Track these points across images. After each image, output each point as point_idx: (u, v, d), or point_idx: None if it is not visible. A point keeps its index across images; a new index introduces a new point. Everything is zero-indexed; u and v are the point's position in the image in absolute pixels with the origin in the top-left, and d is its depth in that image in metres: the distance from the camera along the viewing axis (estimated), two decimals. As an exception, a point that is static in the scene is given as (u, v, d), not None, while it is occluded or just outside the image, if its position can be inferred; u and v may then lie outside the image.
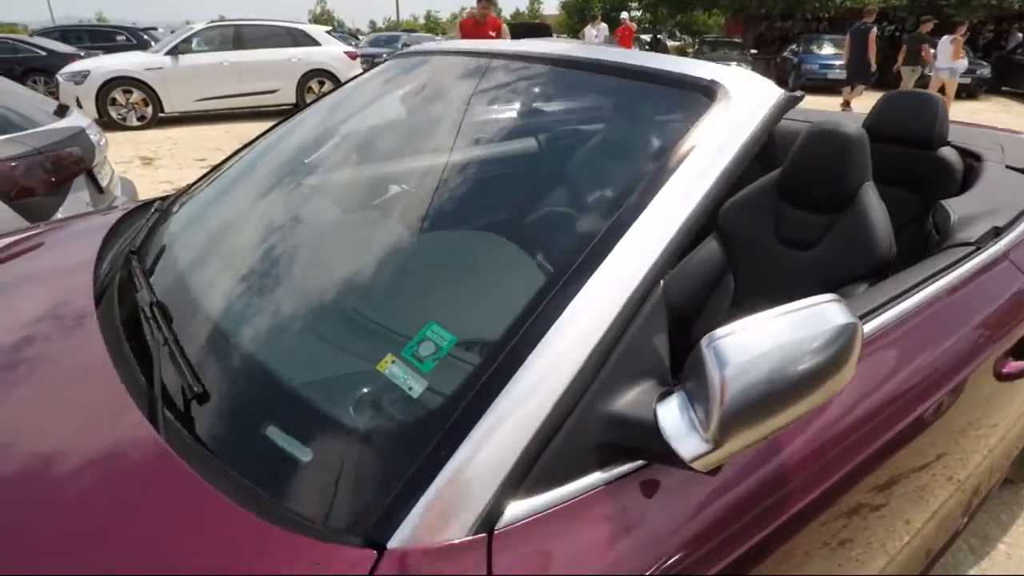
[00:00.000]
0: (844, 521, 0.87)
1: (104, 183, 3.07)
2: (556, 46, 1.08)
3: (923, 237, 1.63)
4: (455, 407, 0.62)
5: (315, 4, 43.65)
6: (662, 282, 0.70)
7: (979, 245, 1.22)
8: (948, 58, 9.19)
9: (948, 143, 1.78)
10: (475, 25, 6.94)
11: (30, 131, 2.67)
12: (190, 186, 1.45)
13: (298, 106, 10.13)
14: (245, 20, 9.87)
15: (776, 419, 0.60)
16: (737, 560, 0.69)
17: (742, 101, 0.83)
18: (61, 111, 3.06)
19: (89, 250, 1.23)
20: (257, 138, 1.46)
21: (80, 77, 8.37)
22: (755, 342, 0.59)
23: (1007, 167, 1.67)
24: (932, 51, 9.43)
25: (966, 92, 11.39)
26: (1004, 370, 1.13)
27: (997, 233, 1.26)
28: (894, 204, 1.50)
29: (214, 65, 9.14)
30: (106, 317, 0.94)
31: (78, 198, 2.80)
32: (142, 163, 6.62)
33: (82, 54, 11.36)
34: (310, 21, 10.97)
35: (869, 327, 0.95)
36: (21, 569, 0.55)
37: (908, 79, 9.77)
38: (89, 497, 0.63)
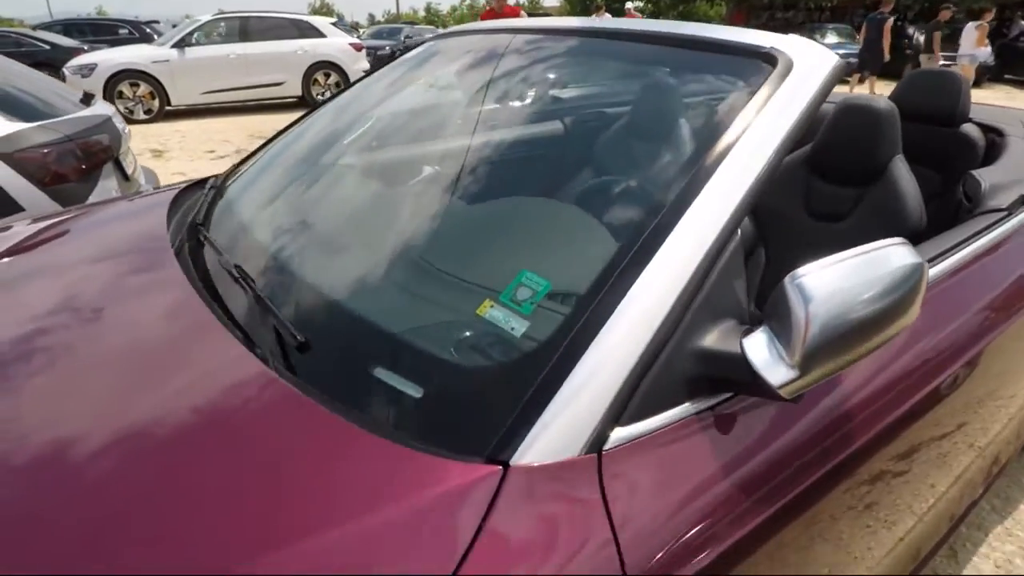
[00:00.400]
0: (868, 485, 0.91)
1: (129, 171, 3.12)
2: (612, 21, 1.14)
3: (951, 210, 1.68)
4: (559, 343, 0.67)
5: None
6: (739, 230, 0.75)
7: (1010, 211, 1.27)
8: (971, 44, 9.10)
9: (970, 120, 1.83)
10: (495, 16, 6.96)
11: (59, 119, 2.71)
12: (242, 162, 1.50)
13: (304, 98, 10.15)
14: (251, 12, 9.85)
15: (855, 350, 0.65)
16: (780, 511, 0.72)
17: (803, 66, 0.88)
18: (87, 99, 3.10)
19: (155, 224, 1.28)
20: (307, 113, 1.51)
21: (87, 70, 8.39)
22: (834, 279, 0.65)
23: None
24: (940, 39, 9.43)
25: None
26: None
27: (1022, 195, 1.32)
28: (917, 180, 1.55)
29: (221, 57, 9.16)
30: (193, 280, 0.99)
31: (106, 186, 2.85)
32: (152, 155, 6.65)
33: (86, 47, 11.36)
34: (309, 14, 10.87)
35: None
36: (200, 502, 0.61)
37: (927, 67, 9.78)
38: (241, 434, 0.68)
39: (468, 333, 0.75)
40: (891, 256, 0.68)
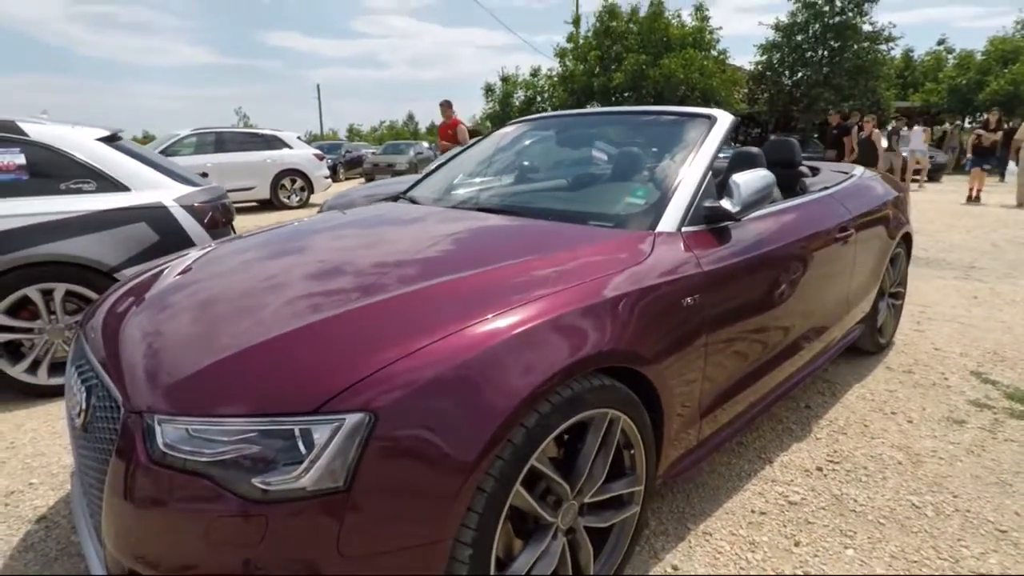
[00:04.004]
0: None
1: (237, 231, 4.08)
2: (621, 109, 2.51)
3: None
4: (659, 203, 1.87)
5: (238, 121, 45.45)
6: (709, 174, 2.00)
7: (819, 192, 2.67)
8: (920, 142, 14.04)
9: (802, 163, 3.33)
10: (444, 126, 8.57)
11: (202, 187, 3.70)
12: (421, 179, 2.69)
13: (271, 201, 11.22)
14: (224, 128, 11.06)
15: (757, 205, 1.90)
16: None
17: (722, 121, 2.21)
18: (204, 175, 4.09)
19: (390, 206, 2.40)
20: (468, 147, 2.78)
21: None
22: (747, 179, 1.90)
23: (832, 171, 3.23)
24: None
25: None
26: (837, 236, 2.52)
27: (826, 188, 2.73)
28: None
29: (199, 167, 10.14)
30: (470, 211, 2.13)
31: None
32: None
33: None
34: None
35: (775, 207, 2.29)
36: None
37: (886, 160, 13.28)
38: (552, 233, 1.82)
39: (626, 211, 1.96)
40: (764, 172, 1.96)
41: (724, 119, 2.21)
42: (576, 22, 24.72)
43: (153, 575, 1.12)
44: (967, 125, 23.81)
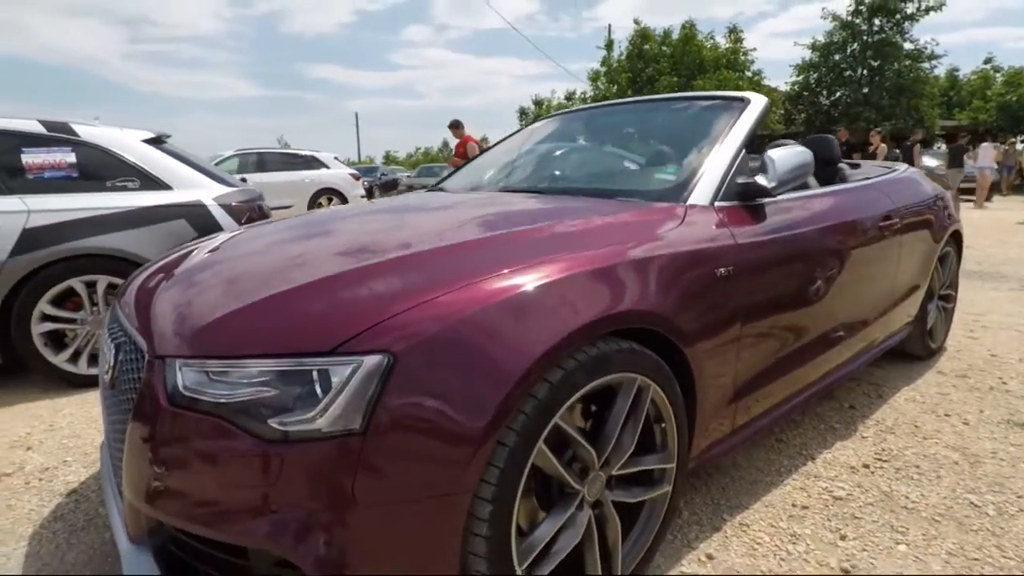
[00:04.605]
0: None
1: (268, 232, 4.17)
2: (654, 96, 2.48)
3: None
4: (690, 175, 1.82)
5: (280, 147, 47.16)
6: (743, 152, 1.94)
7: (861, 182, 2.56)
8: (988, 159, 13.64)
9: (842, 159, 3.22)
10: (457, 144, 8.69)
11: (240, 188, 3.80)
12: (452, 172, 2.68)
13: (309, 218, 11.52)
14: (265, 148, 11.47)
15: (791, 181, 1.83)
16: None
17: (756, 103, 2.15)
18: (243, 180, 4.21)
19: (421, 195, 2.40)
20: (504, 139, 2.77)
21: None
22: (782, 154, 1.84)
23: (873, 166, 3.12)
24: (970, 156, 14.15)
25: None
26: (881, 225, 2.40)
27: (867, 178, 2.63)
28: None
29: (242, 184, 10.52)
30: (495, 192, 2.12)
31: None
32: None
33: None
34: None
35: (813, 191, 2.22)
36: None
37: (955, 178, 13.13)
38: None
39: (659, 186, 1.91)
40: (800, 148, 1.89)
41: (758, 101, 2.16)
42: (608, 46, 24.98)
43: (169, 518, 1.10)
44: (1020, 145, 22.91)
